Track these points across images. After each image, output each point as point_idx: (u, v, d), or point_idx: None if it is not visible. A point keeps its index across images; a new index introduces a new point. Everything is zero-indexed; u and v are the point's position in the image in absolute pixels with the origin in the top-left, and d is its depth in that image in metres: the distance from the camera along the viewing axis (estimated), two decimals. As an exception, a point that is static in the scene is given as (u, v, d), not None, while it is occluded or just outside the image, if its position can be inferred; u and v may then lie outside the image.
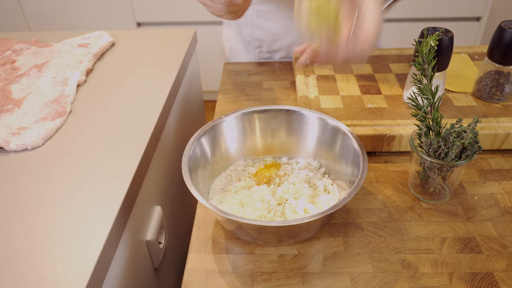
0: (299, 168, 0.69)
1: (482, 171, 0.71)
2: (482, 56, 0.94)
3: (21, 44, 0.97)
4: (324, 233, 0.62)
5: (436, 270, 0.56)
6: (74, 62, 0.90)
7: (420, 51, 0.61)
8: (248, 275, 0.56)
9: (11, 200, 0.60)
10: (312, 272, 0.57)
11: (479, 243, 0.59)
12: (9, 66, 0.89)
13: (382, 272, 0.56)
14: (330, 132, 0.67)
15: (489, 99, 0.79)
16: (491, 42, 0.75)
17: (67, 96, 0.80)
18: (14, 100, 0.78)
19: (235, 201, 0.63)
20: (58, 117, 0.74)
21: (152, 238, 0.69)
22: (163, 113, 0.79)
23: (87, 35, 1.02)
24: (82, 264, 0.50)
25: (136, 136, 0.71)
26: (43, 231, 0.55)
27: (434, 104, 0.61)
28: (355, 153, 0.62)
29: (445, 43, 0.70)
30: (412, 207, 0.65)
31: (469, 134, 0.59)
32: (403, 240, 0.60)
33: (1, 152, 0.68)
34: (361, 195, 0.67)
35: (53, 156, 0.67)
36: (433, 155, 0.61)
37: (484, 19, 1.94)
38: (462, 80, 0.86)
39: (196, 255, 0.59)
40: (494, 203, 0.65)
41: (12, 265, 0.51)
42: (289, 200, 0.62)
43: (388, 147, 0.74)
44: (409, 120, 0.74)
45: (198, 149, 0.65)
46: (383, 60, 0.95)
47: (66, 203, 0.59)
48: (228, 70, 1.02)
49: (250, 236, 0.59)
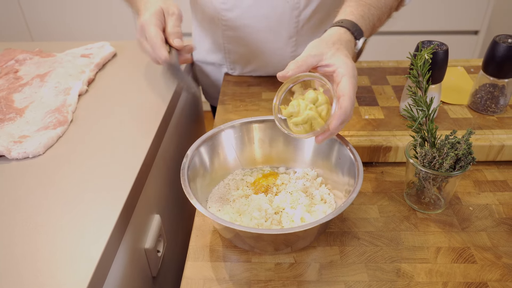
0: (296, 177, 0.70)
1: (477, 182, 0.72)
2: (478, 69, 0.96)
3: (24, 54, 0.98)
4: (321, 242, 0.62)
5: (431, 279, 0.57)
6: (76, 72, 0.91)
7: (415, 64, 0.63)
8: (245, 283, 0.57)
9: (12, 207, 0.61)
10: (308, 281, 0.57)
11: (473, 253, 0.60)
12: (12, 76, 0.90)
13: (377, 281, 0.57)
14: (327, 143, 0.68)
15: (484, 111, 0.80)
16: (485, 55, 0.77)
17: (69, 105, 0.81)
18: (17, 109, 0.80)
19: (233, 210, 0.64)
20: (59, 126, 0.75)
21: (150, 246, 0.70)
22: (163, 122, 0.80)
23: (89, 45, 1.04)
24: (81, 271, 0.51)
25: (136, 145, 0.72)
26: (43, 238, 0.56)
27: (429, 116, 0.62)
28: (351, 163, 0.63)
29: (440, 56, 0.71)
30: (407, 217, 0.66)
31: (462, 145, 0.60)
32: (398, 249, 0.61)
33: (3, 160, 0.69)
34: (357, 205, 0.68)
35: (54, 164, 0.68)
36: (428, 165, 0.62)
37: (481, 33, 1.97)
38: (458, 93, 0.87)
39: (193, 263, 0.60)
40: (489, 214, 0.66)
41: (12, 271, 0.51)
42: (286, 209, 0.63)
43: (384, 158, 0.75)
44: (405, 131, 0.76)
45: (197, 158, 0.66)
46: (380, 72, 0.96)
47: (66, 211, 0.60)
48: (228, 81, 1.03)
49: (247, 244, 0.59)
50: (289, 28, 0.91)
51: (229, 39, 0.97)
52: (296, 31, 0.92)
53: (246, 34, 0.94)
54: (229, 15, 0.92)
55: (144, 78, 0.93)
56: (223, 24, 0.94)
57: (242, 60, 1.01)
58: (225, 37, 0.97)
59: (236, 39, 0.96)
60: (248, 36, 0.94)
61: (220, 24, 0.94)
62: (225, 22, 0.93)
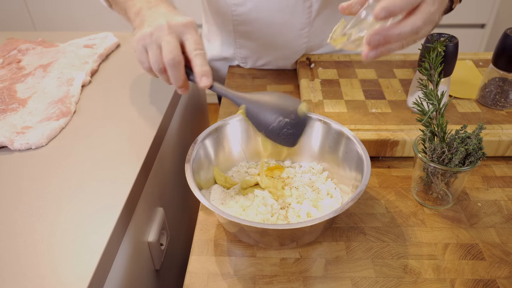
0: (302, 171, 0.69)
1: (485, 178, 0.71)
2: (487, 62, 0.94)
3: (27, 44, 0.97)
4: (327, 237, 0.61)
5: (439, 276, 0.56)
6: (79, 63, 0.90)
7: (427, 56, 0.61)
8: (249, 278, 0.56)
9: (14, 198, 0.60)
10: (314, 276, 0.56)
11: (482, 250, 0.59)
12: (15, 66, 0.89)
13: (384, 277, 0.56)
14: (333, 136, 0.67)
15: (494, 105, 0.79)
16: (496, 49, 0.75)
17: (72, 96, 0.80)
18: (19, 99, 0.79)
19: (236, 204, 0.63)
20: (62, 117, 0.74)
21: (153, 239, 0.69)
22: (167, 114, 0.79)
23: (92, 36, 1.02)
24: (84, 264, 0.50)
25: (139, 137, 0.71)
26: (45, 230, 0.55)
27: (439, 110, 0.61)
28: (358, 157, 0.61)
29: (450, 49, 0.70)
30: (415, 213, 0.65)
31: (473, 140, 0.59)
32: (405, 245, 0.60)
33: (6, 151, 0.69)
34: (364, 200, 0.67)
35: (57, 155, 0.67)
36: (437, 160, 0.61)
37: (488, 26, 1.94)
38: (467, 87, 0.85)
39: (198, 257, 0.59)
40: (498, 210, 0.65)
41: (14, 264, 0.51)
42: (292, 204, 0.62)
43: (391, 152, 0.74)
44: (412, 126, 0.74)
45: (201, 151, 0.65)
46: (387, 65, 0.95)
47: (69, 203, 0.59)
48: (233, 73, 1.02)
49: (252, 239, 0.59)
50: (301, 19, 0.90)
51: (241, 34, 0.95)
52: (308, 22, 0.91)
53: (258, 28, 0.93)
54: (241, 9, 0.90)
55: (148, 69, 0.91)
56: (234, 19, 0.92)
57: (254, 55, 1.00)
58: (237, 32, 0.95)
59: (248, 33, 0.95)
60: (260, 30, 0.93)
61: (231, 19, 0.93)
62: (237, 16, 0.92)
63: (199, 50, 0.59)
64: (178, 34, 0.59)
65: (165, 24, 0.58)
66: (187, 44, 0.59)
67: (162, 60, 0.58)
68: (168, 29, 0.58)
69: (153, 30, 0.58)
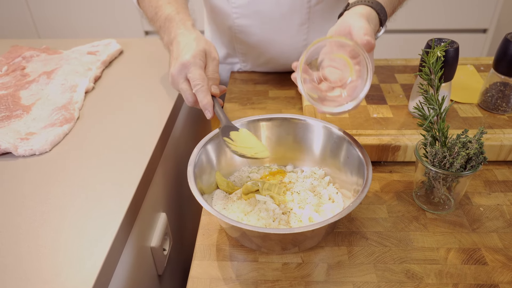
0: (304, 176, 0.69)
1: (487, 182, 0.71)
2: (488, 67, 0.94)
3: (31, 51, 0.98)
4: (328, 242, 0.62)
5: (441, 281, 0.56)
6: (82, 69, 0.91)
7: (427, 61, 0.62)
8: (251, 283, 0.56)
9: (18, 204, 0.60)
10: (316, 281, 0.56)
11: (484, 255, 0.59)
12: (19, 73, 0.90)
13: (386, 282, 0.56)
14: (335, 141, 0.67)
15: (495, 110, 0.79)
16: (496, 53, 0.75)
17: (75, 102, 0.81)
18: (23, 106, 0.80)
19: (238, 209, 0.63)
20: (66, 123, 0.75)
21: (156, 244, 0.69)
22: (170, 120, 0.79)
23: (96, 43, 1.03)
24: (87, 269, 0.51)
25: (142, 143, 0.71)
26: (48, 235, 0.55)
27: (440, 114, 0.61)
28: (360, 162, 0.62)
29: (450, 54, 0.70)
30: (416, 217, 0.65)
31: (474, 145, 0.59)
32: (407, 250, 0.60)
33: (10, 157, 0.69)
34: (366, 205, 0.67)
35: (60, 161, 0.68)
36: (438, 165, 0.61)
37: (490, 31, 1.95)
38: (468, 91, 0.86)
39: (200, 262, 0.60)
40: (500, 215, 0.65)
41: (18, 269, 0.51)
42: (294, 209, 0.62)
43: (393, 157, 0.74)
44: (414, 130, 0.75)
45: (204, 156, 0.65)
46: (388, 70, 0.95)
47: (72, 208, 0.59)
48: (235, 79, 1.02)
49: (254, 244, 0.59)
50: (301, 14, 0.91)
51: (240, 28, 0.96)
52: (308, 17, 0.91)
53: (257, 23, 0.93)
54: (240, 2, 0.91)
55: (151, 76, 0.92)
56: (234, 12, 0.93)
57: (254, 51, 1.00)
58: (236, 26, 0.96)
59: (247, 27, 0.95)
60: (260, 25, 0.94)
61: (231, 12, 0.93)
62: (236, 9, 0.92)
63: (197, 86, 0.70)
64: (186, 74, 0.72)
65: (175, 72, 0.73)
66: (190, 82, 0.72)
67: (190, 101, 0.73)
68: (179, 75, 0.73)
69: (172, 80, 0.74)
